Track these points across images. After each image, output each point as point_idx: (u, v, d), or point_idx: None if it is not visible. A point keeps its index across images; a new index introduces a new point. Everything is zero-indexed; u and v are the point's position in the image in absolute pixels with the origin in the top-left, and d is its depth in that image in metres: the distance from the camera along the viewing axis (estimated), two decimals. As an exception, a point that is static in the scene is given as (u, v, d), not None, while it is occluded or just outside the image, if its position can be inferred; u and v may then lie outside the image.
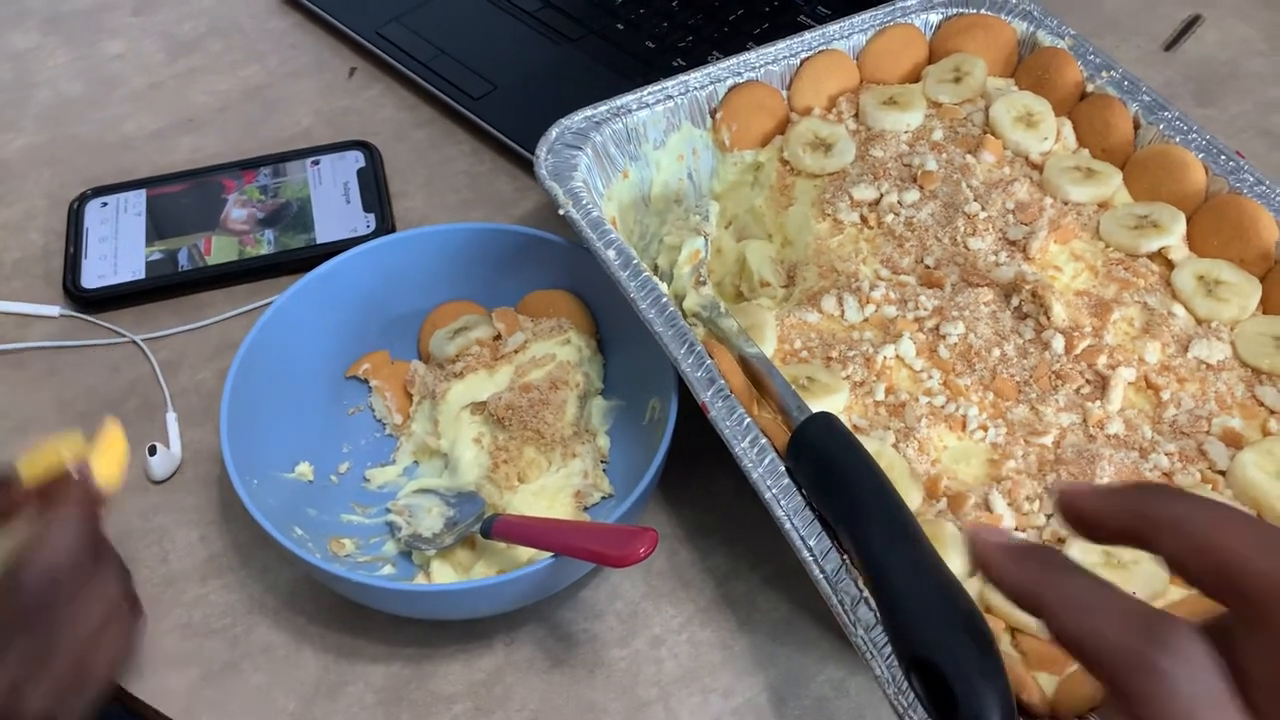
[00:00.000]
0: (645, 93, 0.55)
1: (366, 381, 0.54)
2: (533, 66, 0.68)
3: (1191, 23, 0.72)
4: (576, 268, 0.54)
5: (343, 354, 0.54)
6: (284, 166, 0.64)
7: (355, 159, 0.64)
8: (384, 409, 0.54)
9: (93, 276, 0.59)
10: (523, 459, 0.51)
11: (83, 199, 0.63)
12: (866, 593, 0.38)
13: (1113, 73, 0.56)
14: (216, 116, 0.69)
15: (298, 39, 0.74)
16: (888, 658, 0.37)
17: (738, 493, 0.51)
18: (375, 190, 0.63)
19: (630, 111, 0.55)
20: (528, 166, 0.64)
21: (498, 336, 0.54)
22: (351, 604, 0.47)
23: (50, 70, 0.72)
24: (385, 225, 0.61)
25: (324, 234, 0.61)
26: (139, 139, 0.68)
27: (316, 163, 0.64)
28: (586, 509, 0.51)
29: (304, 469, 0.50)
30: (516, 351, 0.53)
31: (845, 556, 0.39)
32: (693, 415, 0.45)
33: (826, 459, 0.40)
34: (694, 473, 0.52)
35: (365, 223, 0.61)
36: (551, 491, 0.50)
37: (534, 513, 0.49)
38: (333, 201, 0.62)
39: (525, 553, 0.47)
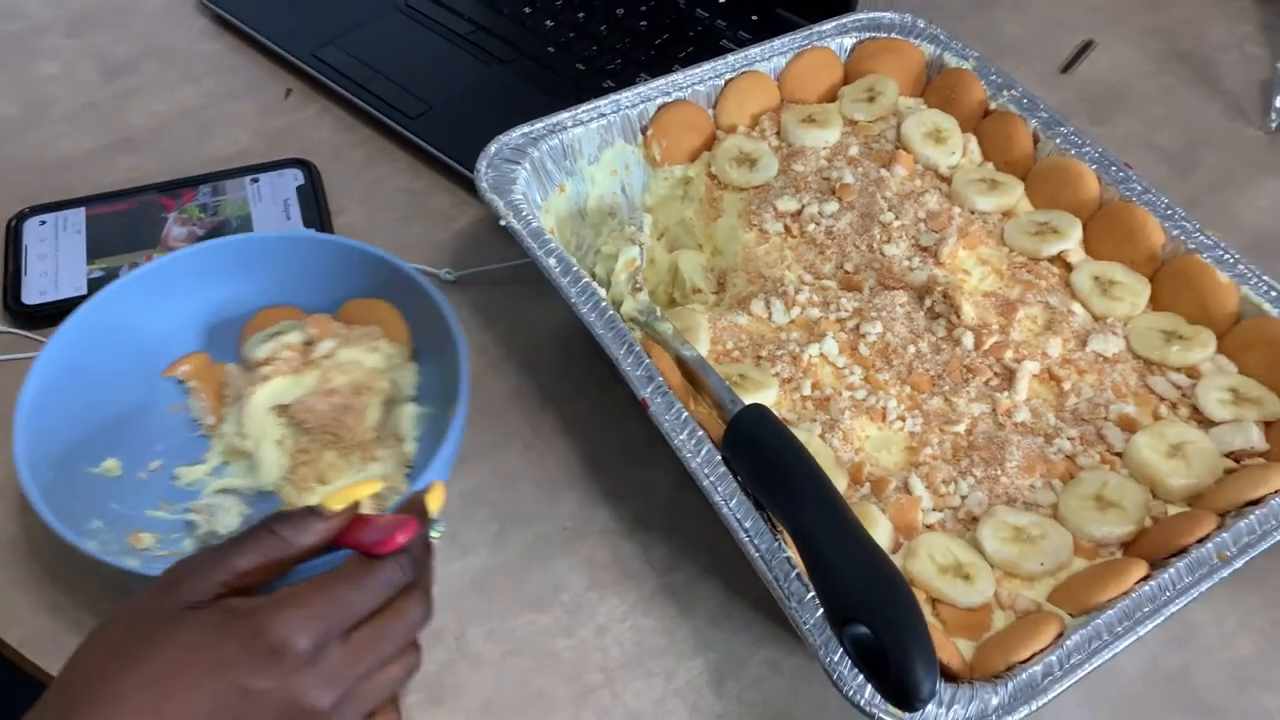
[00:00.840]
0: (580, 111, 0.58)
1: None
2: (467, 88, 0.71)
3: (1085, 47, 0.78)
4: (394, 279, 0.55)
5: (164, 355, 0.55)
6: (223, 185, 0.66)
7: (294, 176, 0.66)
8: (199, 409, 0.54)
9: (34, 293, 0.60)
10: (322, 461, 0.52)
11: (20, 217, 0.63)
12: (800, 568, 0.41)
13: (1013, 91, 0.60)
14: (153, 136, 0.70)
15: (233, 61, 0.75)
16: (822, 630, 0.40)
17: (676, 488, 0.54)
18: (315, 206, 0.64)
19: (566, 129, 0.58)
20: (465, 183, 0.66)
21: (310, 342, 0.55)
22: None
23: (-13, 96, 0.73)
24: (322, 220, 0.63)
25: (266, 249, 0.62)
26: (76, 159, 0.69)
27: (256, 180, 0.66)
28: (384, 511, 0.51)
29: (111, 464, 0.51)
30: (326, 357, 0.54)
31: (779, 536, 0.42)
32: (629, 416, 0.47)
33: (760, 446, 0.43)
34: (633, 471, 0.54)
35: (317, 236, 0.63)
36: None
37: None
38: (273, 218, 0.64)
39: None
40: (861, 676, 0.38)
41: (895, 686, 0.34)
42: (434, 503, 0.41)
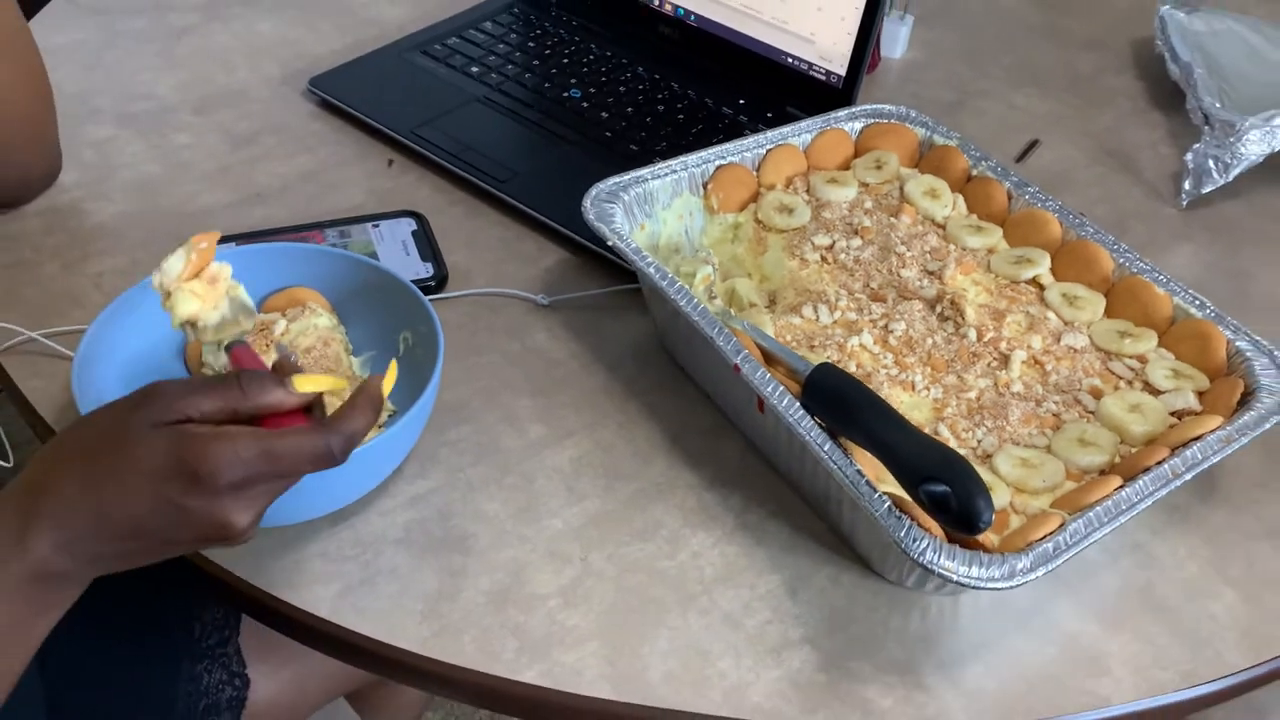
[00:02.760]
0: (658, 168, 0.74)
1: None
2: (541, 160, 0.86)
3: (1033, 145, 0.96)
4: (305, 267, 0.68)
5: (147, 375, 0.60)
6: (349, 229, 0.79)
7: (408, 224, 0.80)
8: None
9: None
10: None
11: (180, 250, 0.76)
12: (866, 475, 0.54)
13: (989, 163, 0.78)
14: (279, 193, 0.84)
15: (338, 136, 0.90)
16: (889, 511, 0.53)
17: (744, 455, 0.67)
18: (429, 246, 0.78)
19: (646, 181, 0.73)
20: (547, 231, 0.81)
21: (264, 328, 0.65)
22: (454, 535, 0.61)
23: (128, 156, 0.86)
24: (442, 271, 0.76)
25: (392, 276, 0.75)
26: (216, 209, 0.82)
27: (376, 226, 0.79)
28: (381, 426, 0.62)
29: None
30: (282, 335, 0.65)
31: (849, 454, 0.56)
32: (701, 404, 0.61)
33: (835, 389, 0.57)
34: (708, 442, 0.68)
35: (425, 269, 0.76)
36: None
37: None
38: (396, 255, 0.77)
39: None
40: (915, 535, 0.51)
41: (964, 517, 0.48)
42: (388, 384, 0.52)
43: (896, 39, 1.05)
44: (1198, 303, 0.67)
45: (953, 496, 0.48)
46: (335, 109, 0.91)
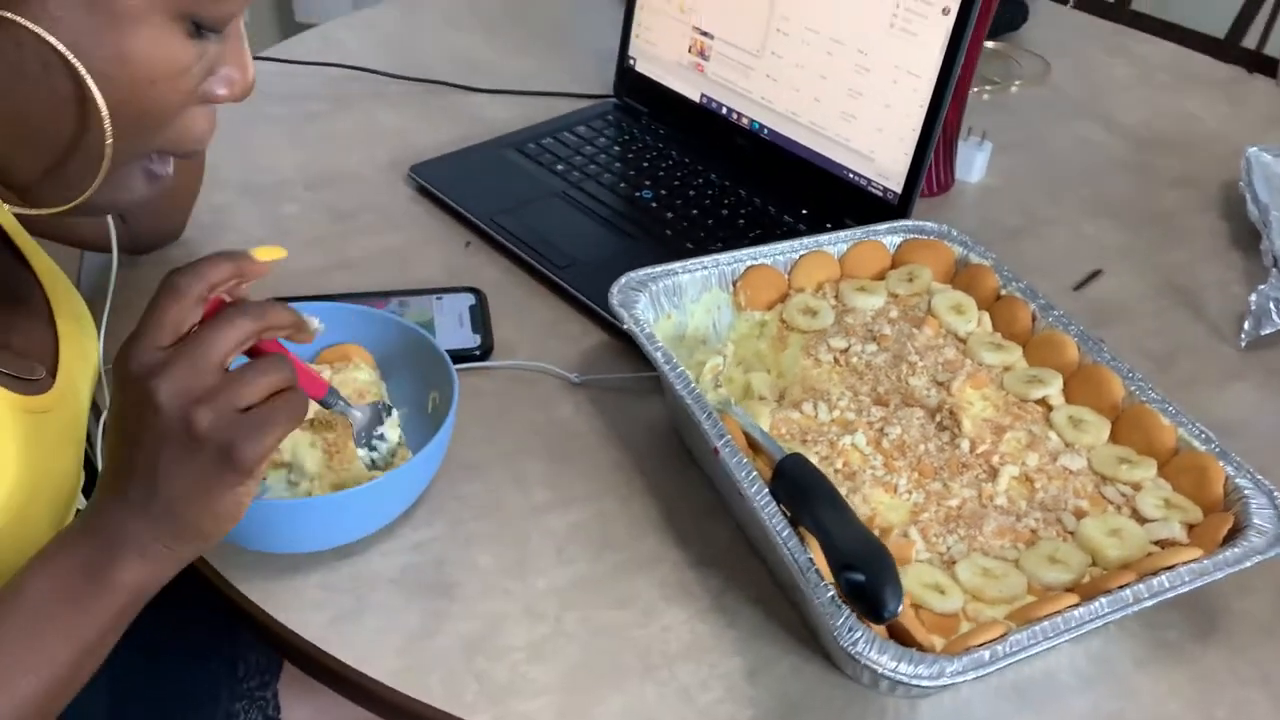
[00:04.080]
0: (689, 263, 0.78)
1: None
2: (603, 250, 0.92)
3: (1094, 274, 0.97)
4: (356, 326, 0.75)
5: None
6: (410, 299, 0.87)
7: (467, 299, 0.87)
8: None
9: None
10: (348, 448, 0.66)
11: (264, 305, 0.85)
12: (817, 564, 0.56)
13: (1019, 284, 0.79)
14: (364, 263, 0.92)
15: (427, 218, 0.98)
16: (830, 602, 0.55)
17: (732, 538, 0.70)
18: (482, 320, 0.85)
19: (677, 274, 0.78)
20: (593, 316, 0.86)
21: None
22: (444, 581, 0.65)
23: (241, 220, 0.97)
24: (488, 343, 0.83)
25: (442, 344, 0.82)
26: (306, 273, 0.91)
27: (439, 298, 0.87)
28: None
29: None
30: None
31: (805, 543, 0.58)
32: (701, 485, 0.64)
33: (797, 477, 0.60)
34: (701, 523, 0.71)
35: (473, 340, 0.83)
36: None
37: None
38: (450, 325, 0.84)
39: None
40: (850, 626, 0.53)
41: (872, 605, 0.49)
42: (267, 254, 0.58)
43: (972, 163, 1.08)
44: (1203, 436, 0.67)
45: (866, 585, 0.50)
46: (429, 194, 1.00)
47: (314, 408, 0.65)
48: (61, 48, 0.50)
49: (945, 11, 0.86)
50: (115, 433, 0.54)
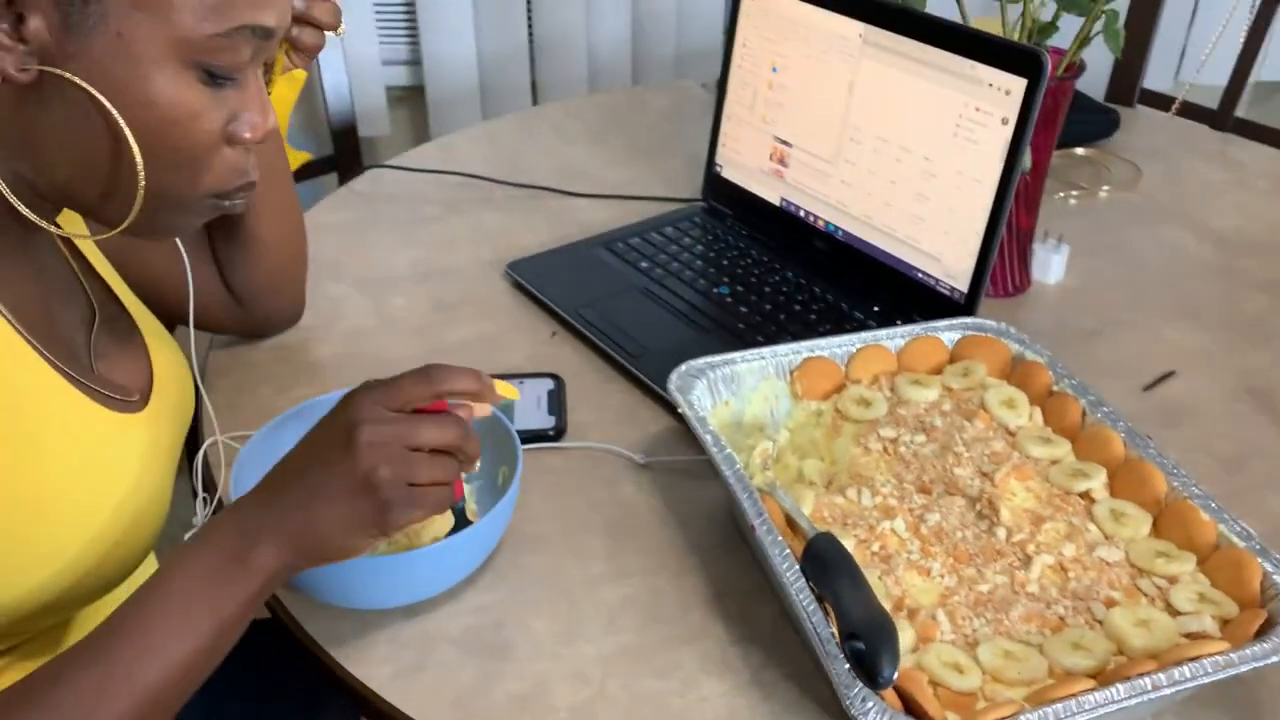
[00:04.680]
0: (748, 353, 0.83)
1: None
2: (676, 341, 0.98)
3: (1167, 375, 0.97)
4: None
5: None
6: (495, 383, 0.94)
7: (547, 383, 0.94)
8: None
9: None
10: (426, 526, 0.73)
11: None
12: (833, 629, 0.59)
13: (1071, 381, 0.81)
14: (458, 350, 1.00)
15: (520, 310, 1.06)
16: (847, 676, 0.58)
17: (776, 618, 0.73)
18: (559, 404, 0.91)
19: (735, 364, 0.83)
20: (662, 402, 0.92)
21: None
22: (500, 642, 0.70)
23: (352, 310, 1.06)
24: (561, 425, 0.89)
25: (520, 424, 0.89)
26: (405, 359, 0.98)
27: (521, 383, 0.94)
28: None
29: None
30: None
31: (829, 618, 0.61)
32: (751, 566, 0.68)
33: (823, 553, 0.63)
34: (748, 603, 0.74)
35: (549, 422, 0.89)
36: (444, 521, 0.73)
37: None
38: (529, 406, 0.91)
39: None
40: (864, 697, 0.55)
41: (870, 671, 0.52)
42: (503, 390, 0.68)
43: (1049, 265, 1.10)
44: (1243, 533, 0.67)
45: (865, 653, 0.52)
46: (522, 288, 1.08)
47: None
48: (99, 96, 0.59)
49: (1004, 121, 0.90)
50: (301, 446, 0.63)
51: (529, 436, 0.84)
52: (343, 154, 1.69)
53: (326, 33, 0.85)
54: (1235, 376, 0.97)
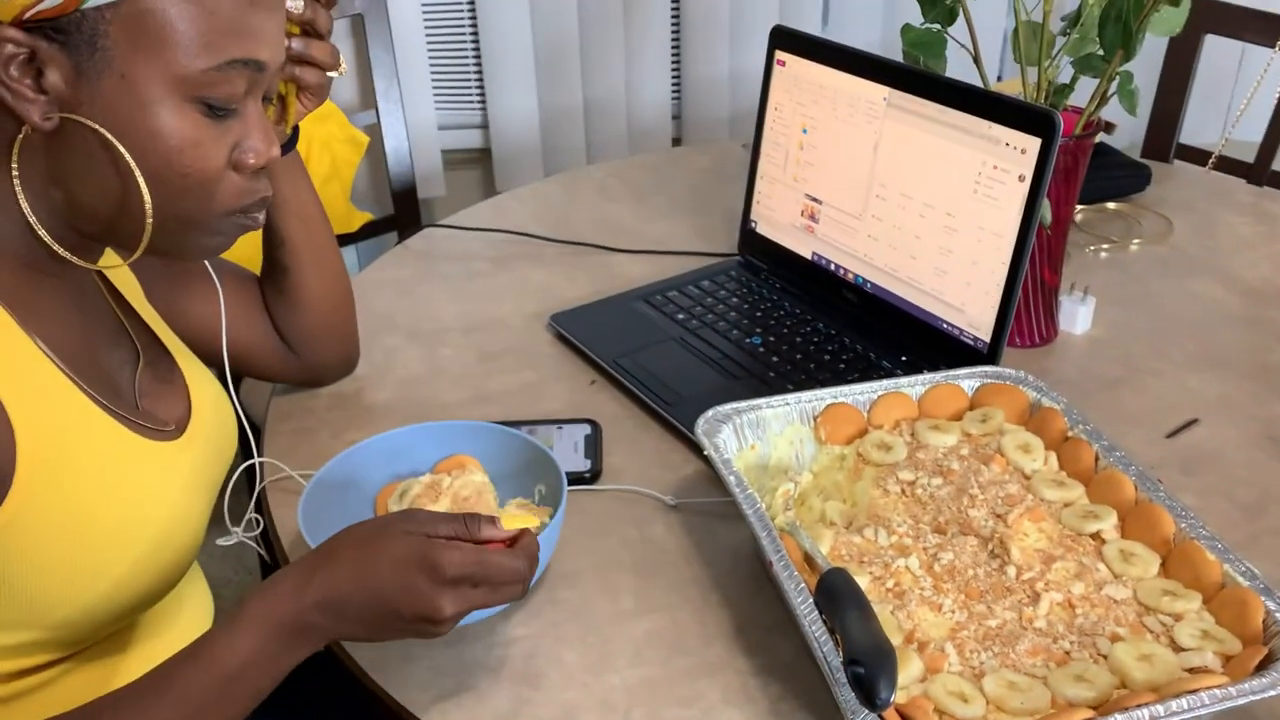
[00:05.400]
0: (774, 399, 0.87)
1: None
2: (707, 388, 1.02)
3: (1190, 423, 0.99)
4: (470, 442, 0.88)
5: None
6: (536, 428, 0.99)
7: (584, 429, 0.98)
8: None
9: (412, 471, 0.94)
10: None
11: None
12: (841, 657, 0.63)
13: (1085, 426, 0.84)
14: (502, 397, 1.06)
15: (561, 359, 1.11)
16: (851, 700, 0.61)
17: (796, 652, 0.76)
18: (595, 448, 0.96)
19: (760, 409, 0.87)
20: (694, 447, 0.96)
21: (432, 486, 0.82)
22: (532, 671, 0.74)
23: (404, 359, 1.12)
24: (597, 468, 0.94)
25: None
26: (452, 404, 1.05)
27: (560, 427, 0.98)
28: None
29: None
30: (447, 487, 0.82)
31: (839, 647, 0.64)
32: (774, 603, 0.71)
33: (834, 586, 0.66)
34: (768, 636, 0.77)
35: (585, 464, 0.94)
36: None
37: None
38: (566, 450, 0.96)
39: None
40: (865, 717, 0.59)
41: (868, 693, 0.55)
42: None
43: (1075, 316, 1.12)
44: (1247, 572, 0.69)
45: (865, 676, 0.56)
46: (564, 338, 1.14)
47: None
48: (107, 134, 0.66)
49: (1021, 179, 0.94)
50: (374, 580, 0.67)
51: (566, 479, 0.89)
52: (402, 214, 1.77)
53: (329, 73, 0.91)
54: (1258, 425, 0.99)
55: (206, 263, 0.93)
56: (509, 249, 1.33)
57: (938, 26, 1.03)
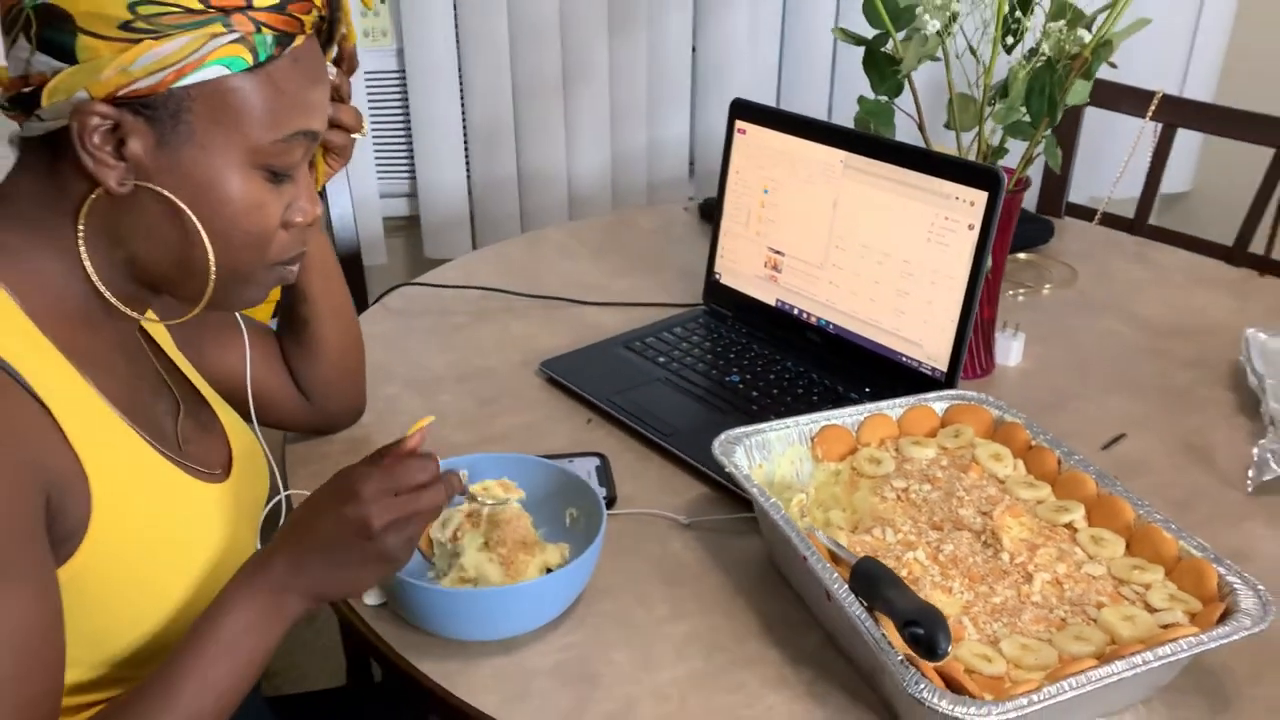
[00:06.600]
0: (774, 423, 0.98)
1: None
2: (698, 420, 1.12)
3: (1119, 437, 1.14)
4: (501, 470, 0.94)
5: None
6: (548, 462, 1.07)
7: (594, 461, 1.07)
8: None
9: (440, 504, 1.00)
10: (517, 558, 0.86)
11: (431, 469, 1.05)
12: (885, 634, 0.73)
13: (1046, 436, 0.97)
14: (506, 437, 1.13)
15: (556, 402, 1.20)
16: (901, 665, 0.71)
17: (820, 644, 0.85)
18: (608, 477, 1.04)
19: (764, 432, 0.97)
20: (694, 471, 1.05)
21: (472, 513, 0.90)
22: (588, 672, 0.82)
23: (406, 405, 1.19)
24: (612, 494, 1.02)
25: (575, 496, 1.01)
26: (460, 445, 1.12)
27: (571, 460, 1.07)
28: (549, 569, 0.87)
29: None
30: (486, 514, 0.89)
31: (880, 624, 0.74)
32: (795, 603, 0.81)
33: (869, 572, 0.77)
34: (794, 632, 0.87)
35: (603, 492, 1.02)
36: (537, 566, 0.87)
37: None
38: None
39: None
40: (917, 679, 0.69)
41: (929, 646, 0.65)
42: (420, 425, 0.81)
43: (1009, 350, 1.27)
44: (1199, 546, 0.83)
45: (924, 634, 0.66)
46: (556, 383, 1.22)
47: (479, 538, 0.88)
48: (179, 202, 0.73)
49: (970, 227, 1.08)
50: (316, 522, 0.75)
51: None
52: (349, 280, 1.82)
53: (353, 134, 0.99)
54: (1176, 436, 1.14)
55: (238, 314, 0.99)
56: (483, 304, 1.41)
57: (886, 98, 1.17)
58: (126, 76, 0.68)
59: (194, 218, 0.73)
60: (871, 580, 0.76)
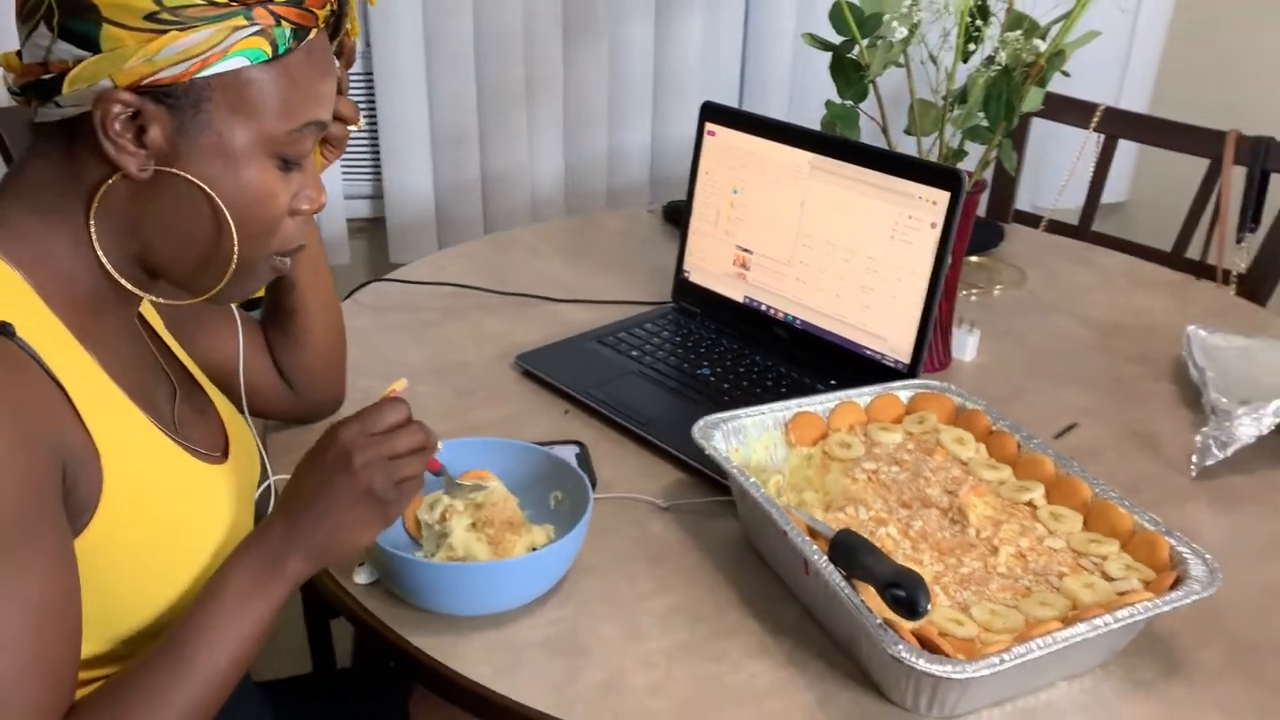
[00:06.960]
0: (752, 409, 1.02)
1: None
2: (672, 410, 1.16)
3: (1071, 426, 1.20)
4: (489, 457, 0.98)
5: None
6: (530, 449, 1.10)
7: (573, 449, 1.10)
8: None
9: (425, 489, 1.03)
10: (504, 538, 0.89)
11: (414, 456, 1.08)
12: (865, 601, 0.77)
13: (1005, 422, 1.02)
14: (486, 428, 1.16)
15: (533, 394, 1.23)
16: (880, 628, 0.75)
17: (799, 617, 0.90)
18: (588, 463, 1.08)
19: (740, 419, 1.01)
20: (670, 458, 1.09)
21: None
22: (579, 644, 0.85)
23: (384, 398, 1.21)
24: (592, 478, 1.05)
25: (557, 481, 1.04)
26: (444, 436, 1.14)
27: (552, 448, 1.09)
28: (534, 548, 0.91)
29: None
30: (470, 494, 0.92)
31: (858, 590, 0.79)
32: (772, 581, 0.85)
33: (847, 543, 0.81)
34: (773, 606, 0.91)
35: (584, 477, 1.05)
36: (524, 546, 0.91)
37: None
38: (561, 467, 1.07)
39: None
40: (895, 641, 0.73)
41: (910, 605, 0.70)
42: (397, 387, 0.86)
43: (966, 346, 1.33)
44: (1151, 520, 0.88)
45: (905, 595, 0.70)
46: (533, 376, 1.25)
47: (467, 517, 0.91)
48: (206, 188, 0.75)
49: (933, 226, 1.14)
50: (304, 479, 0.79)
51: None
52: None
53: (349, 126, 1.02)
54: (1123, 425, 1.20)
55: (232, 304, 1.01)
56: (455, 301, 1.44)
57: (852, 103, 1.22)
58: (152, 66, 0.70)
59: (220, 202, 0.75)
60: (850, 550, 0.80)
